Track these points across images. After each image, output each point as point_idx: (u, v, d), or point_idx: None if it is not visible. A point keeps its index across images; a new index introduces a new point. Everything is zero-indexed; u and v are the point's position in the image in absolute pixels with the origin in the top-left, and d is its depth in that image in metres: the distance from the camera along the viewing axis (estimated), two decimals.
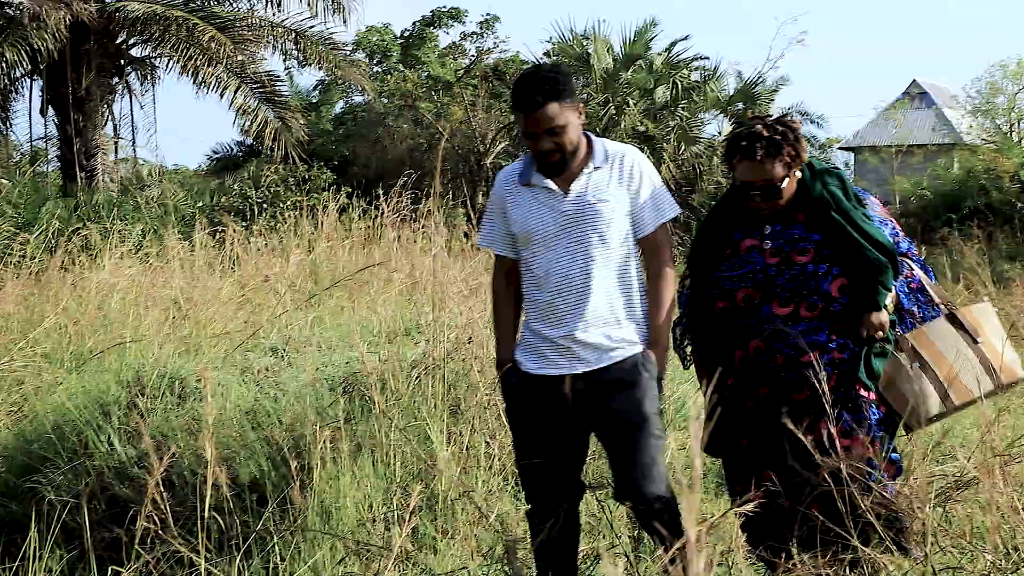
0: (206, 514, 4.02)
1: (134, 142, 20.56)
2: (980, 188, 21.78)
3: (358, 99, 29.83)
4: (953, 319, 3.89)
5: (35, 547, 4.23)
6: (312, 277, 9.84)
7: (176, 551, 4.23)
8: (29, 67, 17.90)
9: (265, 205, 15.38)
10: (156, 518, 4.15)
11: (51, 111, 18.76)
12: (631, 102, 20.46)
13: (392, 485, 4.92)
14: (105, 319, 7.92)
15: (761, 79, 23.45)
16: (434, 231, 12.02)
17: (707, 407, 3.78)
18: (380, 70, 30.84)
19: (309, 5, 18.97)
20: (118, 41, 18.77)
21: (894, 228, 3.96)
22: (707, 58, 23.62)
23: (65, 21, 16.52)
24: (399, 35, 33.57)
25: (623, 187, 3.88)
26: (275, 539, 4.53)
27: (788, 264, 3.77)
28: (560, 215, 3.87)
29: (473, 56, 30.99)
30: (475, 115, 22.90)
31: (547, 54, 23.08)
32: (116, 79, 19.47)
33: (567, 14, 62.47)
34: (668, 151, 20.35)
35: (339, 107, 31.33)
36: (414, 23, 33.62)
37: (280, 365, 6.21)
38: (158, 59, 19.54)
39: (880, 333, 3.76)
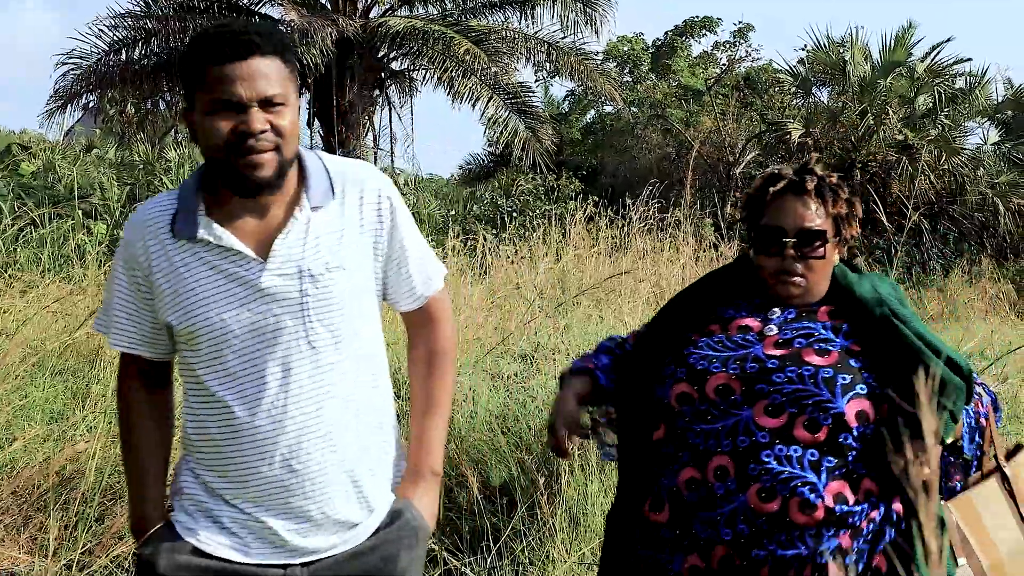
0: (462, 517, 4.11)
1: (392, 152, 21.41)
2: None
3: (608, 109, 30.04)
4: (1004, 479, 2.72)
5: None
6: (560, 285, 9.96)
7: (429, 550, 4.37)
8: (298, 81, 18.86)
9: (515, 214, 15.69)
10: None
11: (316, 123, 19.77)
12: (890, 111, 19.72)
13: None
14: None
15: None
16: (682, 240, 12.01)
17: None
18: (630, 79, 30.93)
19: (562, 17, 19.24)
20: (379, 55, 19.58)
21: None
22: (971, 60, 22.38)
23: (331, 37, 17.36)
24: (650, 44, 33.58)
25: (368, 237, 2.35)
26: (524, 542, 4.60)
27: (796, 361, 2.50)
28: (257, 297, 2.24)
29: (724, 65, 30.64)
30: (725, 124, 22.65)
31: (801, 62, 22.54)
32: (377, 91, 20.32)
33: (823, 21, 60.96)
34: (928, 161, 19.48)
35: (589, 117, 31.65)
36: (666, 33, 33.57)
37: (529, 371, 6.29)
38: (415, 72, 20.28)
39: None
